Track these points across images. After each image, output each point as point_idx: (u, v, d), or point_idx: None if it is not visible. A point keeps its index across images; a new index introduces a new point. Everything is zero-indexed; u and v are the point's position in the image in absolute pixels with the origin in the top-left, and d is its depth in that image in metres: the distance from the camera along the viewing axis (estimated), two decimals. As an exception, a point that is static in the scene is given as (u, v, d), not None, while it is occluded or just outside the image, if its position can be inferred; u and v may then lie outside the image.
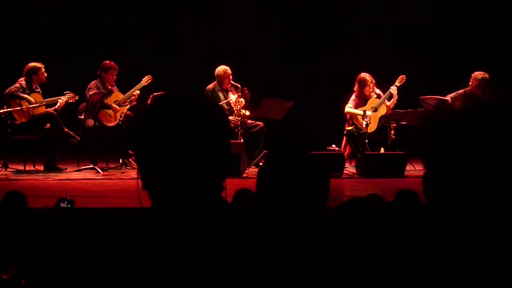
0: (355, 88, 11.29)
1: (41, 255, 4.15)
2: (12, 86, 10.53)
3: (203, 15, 14.14)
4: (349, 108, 11.27)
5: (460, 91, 11.38)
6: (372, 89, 11.26)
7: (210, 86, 11.40)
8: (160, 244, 1.80)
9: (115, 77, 11.24)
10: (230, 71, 11.35)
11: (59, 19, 13.72)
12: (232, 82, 11.32)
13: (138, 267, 1.78)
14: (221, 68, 11.39)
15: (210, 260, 1.77)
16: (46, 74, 10.75)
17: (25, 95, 10.49)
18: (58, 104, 10.63)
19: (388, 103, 11.20)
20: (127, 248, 1.82)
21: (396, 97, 11.23)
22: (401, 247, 1.76)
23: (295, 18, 14.30)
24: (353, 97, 11.32)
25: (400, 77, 11.33)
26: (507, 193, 1.60)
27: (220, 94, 11.35)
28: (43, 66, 10.74)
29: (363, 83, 11.19)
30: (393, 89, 11.20)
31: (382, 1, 14.34)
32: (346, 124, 11.39)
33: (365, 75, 11.20)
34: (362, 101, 11.26)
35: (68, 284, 3.43)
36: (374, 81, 11.26)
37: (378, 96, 11.28)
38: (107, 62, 11.20)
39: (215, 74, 11.40)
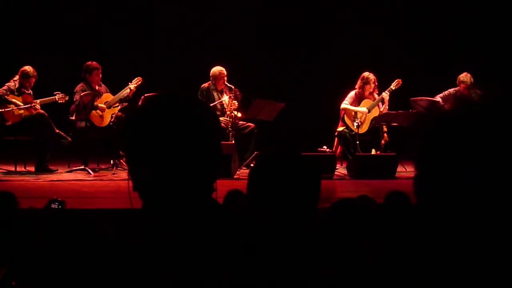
0: (357, 85, 11.29)
1: (32, 256, 4.14)
2: (1, 89, 10.49)
3: (194, 16, 14.13)
4: (345, 104, 11.28)
5: (449, 91, 11.42)
6: (373, 90, 11.29)
7: (205, 85, 11.42)
8: (150, 245, 1.80)
9: (100, 76, 11.20)
10: (225, 72, 11.37)
11: (48, 20, 13.71)
12: (226, 83, 11.34)
13: (129, 268, 1.77)
14: (217, 69, 11.40)
15: (201, 261, 1.77)
16: (32, 85, 10.71)
17: (13, 99, 10.46)
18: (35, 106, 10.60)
19: (381, 108, 11.24)
20: (118, 249, 1.81)
21: (387, 104, 11.25)
22: (391, 248, 1.76)
23: (287, 19, 14.31)
24: (351, 94, 11.33)
25: (396, 80, 11.35)
26: (499, 194, 1.60)
27: (214, 94, 11.36)
28: (35, 76, 10.69)
29: (366, 81, 11.20)
30: (385, 94, 11.23)
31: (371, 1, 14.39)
32: (339, 124, 11.40)
33: (368, 74, 11.23)
34: (358, 100, 11.28)
35: (59, 285, 3.42)
36: (376, 83, 11.27)
37: (375, 99, 11.32)
38: (89, 63, 11.17)
39: (210, 74, 11.41)
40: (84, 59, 11.47)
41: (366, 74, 11.26)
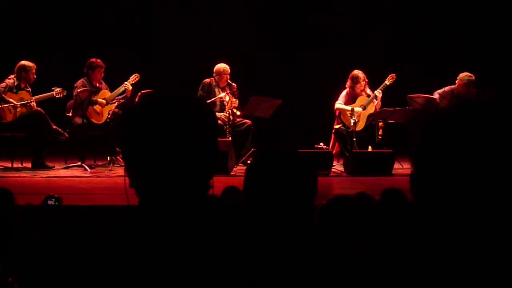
0: (347, 84, 11.30)
1: (29, 252, 4.14)
2: (-1, 87, 10.49)
3: (191, 14, 14.12)
4: (339, 104, 11.28)
5: (447, 88, 11.41)
6: (363, 87, 11.28)
7: (207, 80, 11.41)
8: (146, 241, 1.80)
9: (102, 74, 11.21)
10: (229, 70, 11.36)
11: (46, 17, 13.70)
12: (229, 81, 11.33)
13: (124, 264, 1.77)
14: (221, 66, 11.39)
15: (197, 258, 1.78)
16: (35, 76, 10.69)
17: (10, 99, 10.43)
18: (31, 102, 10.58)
19: (375, 103, 11.25)
20: (114, 246, 1.82)
21: (380, 102, 11.27)
22: (388, 245, 1.77)
23: (285, 17, 14.31)
24: (343, 93, 11.33)
25: (390, 75, 11.35)
26: (495, 190, 1.61)
27: (216, 90, 11.35)
28: (35, 66, 10.68)
29: (355, 80, 11.20)
30: (378, 93, 11.25)
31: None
32: (335, 122, 11.40)
33: (358, 72, 11.23)
34: (351, 98, 11.28)
35: (55, 282, 3.43)
36: (366, 80, 11.28)
37: (369, 96, 11.31)
38: (94, 60, 11.16)
39: (214, 70, 11.39)
40: (82, 56, 11.46)
41: (355, 72, 11.26)
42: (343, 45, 13.78)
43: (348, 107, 11.09)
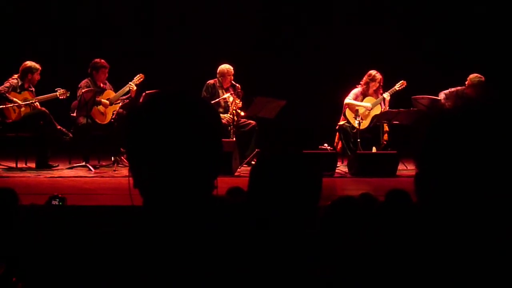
0: (362, 81, 11.33)
1: (33, 252, 4.15)
2: (2, 86, 10.49)
3: (195, 14, 14.13)
4: (348, 99, 11.31)
5: (453, 89, 11.40)
6: (377, 88, 11.31)
7: (211, 81, 11.43)
8: (150, 242, 1.80)
9: (106, 75, 11.21)
10: (232, 71, 11.37)
11: (49, 17, 13.72)
12: (233, 82, 11.34)
13: (129, 265, 1.77)
14: (225, 67, 11.40)
15: (201, 258, 1.77)
16: (39, 77, 10.71)
17: (14, 99, 10.44)
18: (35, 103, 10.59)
19: (382, 108, 11.27)
20: (118, 246, 1.81)
21: (387, 105, 11.29)
22: (391, 246, 1.76)
23: (288, 17, 14.31)
24: (355, 90, 11.38)
25: (400, 82, 11.39)
26: (499, 192, 1.60)
27: (220, 91, 11.36)
28: (40, 68, 10.69)
29: (372, 78, 11.23)
30: (386, 95, 11.27)
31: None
32: (340, 118, 11.41)
33: (376, 73, 11.27)
34: (361, 97, 11.32)
35: (60, 282, 3.43)
36: (382, 83, 11.30)
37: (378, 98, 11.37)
38: (98, 60, 11.15)
39: (217, 71, 11.41)
40: (86, 56, 11.48)
41: (373, 72, 11.30)
42: (348, 45, 13.76)
43: (357, 102, 11.14)
